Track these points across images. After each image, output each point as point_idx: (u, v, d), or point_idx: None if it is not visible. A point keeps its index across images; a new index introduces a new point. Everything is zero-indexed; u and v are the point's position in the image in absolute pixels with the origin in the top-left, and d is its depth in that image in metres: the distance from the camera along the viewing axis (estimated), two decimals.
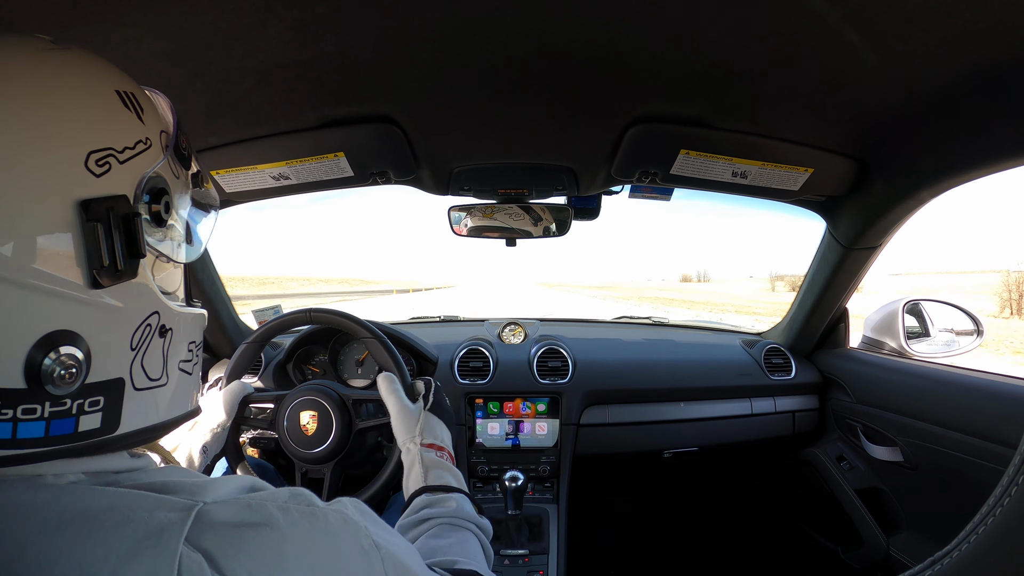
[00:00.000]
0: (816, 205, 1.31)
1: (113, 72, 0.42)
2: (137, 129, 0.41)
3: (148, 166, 0.41)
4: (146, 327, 0.41)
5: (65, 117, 0.36)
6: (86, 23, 0.65)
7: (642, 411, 1.49)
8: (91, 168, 0.37)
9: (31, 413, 0.35)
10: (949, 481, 1.15)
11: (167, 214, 0.43)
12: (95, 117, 0.38)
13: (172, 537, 0.32)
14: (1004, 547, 0.43)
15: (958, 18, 0.65)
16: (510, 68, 0.82)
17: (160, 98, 0.47)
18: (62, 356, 0.35)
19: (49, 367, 0.34)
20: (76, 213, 0.36)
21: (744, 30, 0.70)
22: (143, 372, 0.41)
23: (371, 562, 0.40)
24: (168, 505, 0.34)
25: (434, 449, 0.82)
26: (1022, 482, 0.42)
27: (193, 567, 0.31)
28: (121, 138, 0.39)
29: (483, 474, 1.43)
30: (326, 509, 0.40)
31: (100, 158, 0.37)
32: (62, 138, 0.36)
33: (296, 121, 1.00)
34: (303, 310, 1.06)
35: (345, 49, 0.76)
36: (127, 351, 0.39)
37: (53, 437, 0.35)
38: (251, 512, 0.36)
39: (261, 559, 0.34)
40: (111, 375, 0.38)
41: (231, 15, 0.66)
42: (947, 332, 1.44)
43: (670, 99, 0.93)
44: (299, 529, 0.37)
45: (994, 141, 0.87)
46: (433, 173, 1.24)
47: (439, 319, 2.05)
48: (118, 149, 0.39)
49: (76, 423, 0.36)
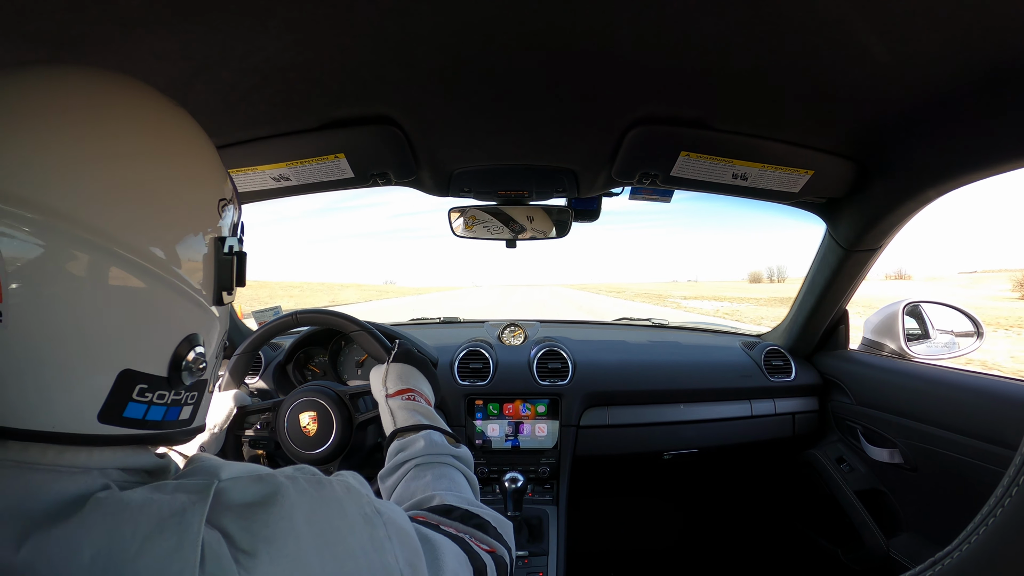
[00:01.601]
0: (816, 207, 1.31)
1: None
2: (229, 184, 0.49)
3: (234, 213, 0.49)
4: (222, 343, 0.49)
5: (206, 167, 0.45)
6: (86, 23, 0.65)
7: (642, 412, 1.49)
8: (219, 211, 0.46)
9: (162, 399, 0.41)
10: (949, 483, 1.15)
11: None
12: (217, 169, 0.47)
13: (195, 515, 0.34)
14: (1004, 548, 0.43)
15: (958, 19, 0.65)
16: (511, 70, 0.82)
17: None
18: (198, 355, 0.43)
19: (188, 362, 0.42)
20: (213, 245, 0.45)
21: (744, 32, 0.70)
22: (213, 378, 0.49)
23: (374, 527, 0.42)
24: (187, 487, 0.37)
25: (400, 395, 0.84)
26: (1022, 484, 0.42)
27: (213, 543, 0.34)
28: (225, 190, 0.48)
29: (483, 475, 1.42)
30: (330, 479, 0.43)
31: (222, 205, 0.46)
32: (207, 185, 0.45)
33: (296, 122, 1.00)
34: (289, 313, 1.08)
35: (346, 50, 0.76)
36: (215, 359, 0.48)
37: (167, 421, 0.42)
38: (262, 484, 0.38)
39: (279, 530, 0.36)
40: (207, 376, 0.46)
41: (231, 16, 0.66)
42: (947, 334, 1.45)
43: (670, 101, 0.93)
44: (306, 497, 0.39)
45: (995, 143, 0.87)
46: (433, 174, 1.24)
47: (439, 320, 2.05)
48: (227, 198, 0.47)
49: (180, 412, 0.44)
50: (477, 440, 1.44)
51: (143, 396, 0.39)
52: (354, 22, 0.69)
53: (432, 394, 0.90)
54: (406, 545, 0.44)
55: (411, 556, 0.44)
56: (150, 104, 0.43)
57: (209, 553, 0.33)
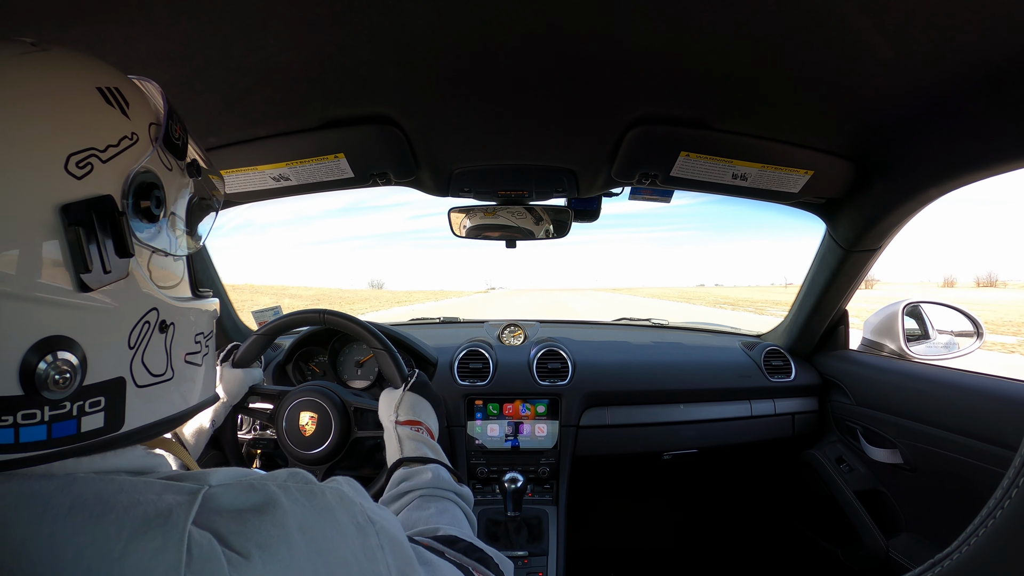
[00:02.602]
0: (816, 207, 1.31)
1: (95, 69, 0.41)
2: (121, 125, 0.40)
3: (135, 162, 0.40)
4: (144, 324, 0.41)
5: (41, 120, 0.36)
6: (86, 23, 0.65)
7: (642, 413, 1.49)
8: (71, 171, 0.36)
9: (31, 418, 0.35)
10: (949, 483, 1.15)
11: (159, 208, 0.42)
12: (73, 118, 0.37)
13: (180, 517, 0.33)
14: (1004, 550, 0.43)
15: (958, 19, 0.65)
16: (510, 70, 0.82)
17: (152, 87, 0.46)
18: (56, 361, 0.35)
19: (43, 373, 0.34)
20: (58, 218, 0.35)
21: (744, 32, 0.70)
22: (145, 369, 0.41)
23: (367, 536, 0.42)
24: (175, 489, 0.35)
25: (411, 425, 0.83)
26: (1022, 484, 0.42)
27: (203, 543, 0.33)
28: (103, 137, 0.38)
29: (482, 475, 1.42)
30: (323, 487, 0.42)
31: (81, 160, 0.37)
32: (38, 142, 0.35)
33: (296, 122, 1.00)
34: (316, 310, 1.05)
35: (345, 50, 0.76)
36: (125, 350, 0.39)
37: (56, 439, 0.36)
38: (254, 492, 0.37)
39: (272, 536, 0.35)
40: (110, 375, 0.38)
41: (231, 15, 0.66)
42: (947, 334, 1.45)
43: (670, 101, 0.93)
44: (299, 506, 0.38)
45: (994, 143, 0.87)
46: (433, 174, 1.24)
47: (439, 320, 2.05)
48: (100, 148, 0.38)
49: (78, 424, 0.37)
50: (477, 440, 1.44)
51: (2, 420, 0.34)
52: (353, 22, 0.69)
53: (437, 429, 0.90)
54: (398, 554, 0.44)
55: (403, 565, 0.44)
56: None
57: (197, 553, 0.32)
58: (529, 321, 1.73)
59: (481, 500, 1.41)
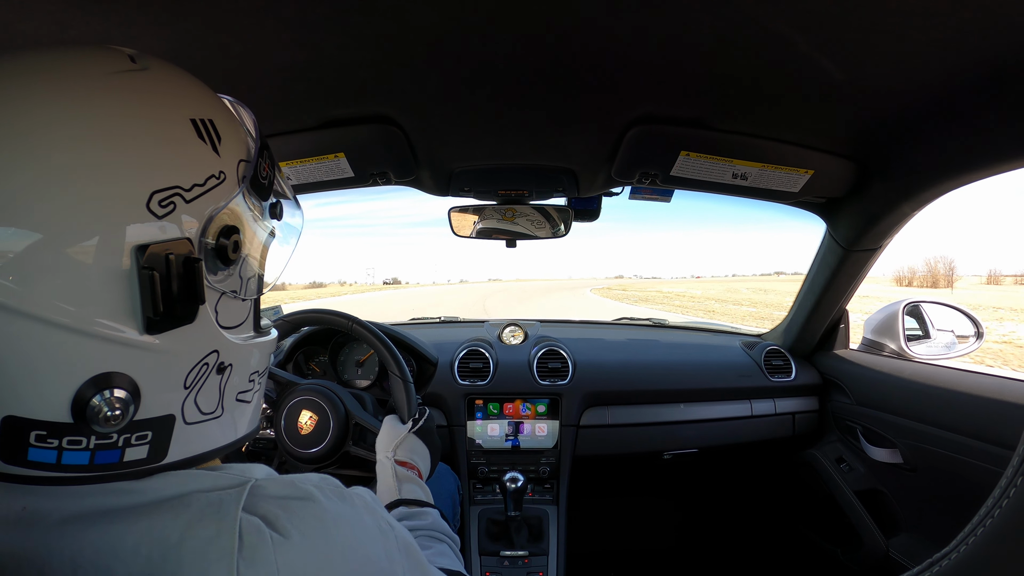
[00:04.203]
0: (816, 207, 1.31)
1: (192, 95, 0.40)
2: (210, 163, 0.38)
3: (218, 202, 0.39)
4: (203, 366, 0.40)
5: (130, 151, 0.34)
6: (85, 22, 0.65)
7: (642, 412, 1.49)
8: (153, 209, 0.34)
9: (76, 444, 0.35)
10: (948, 483, 1.15)
11: (236, 252, 0.41)
12: (163, 153, 0.36)
13: (231, 506, 0.36)
14: (1002, 548, 0.43)
15: (958, 18, 0.65)
16: (510, 69, 0.82)
17: (245, 114, 0.45)
18: (110, 397, 0.34)
19: (95, 407, 0.34)
20: (133, 258, 0.34)
21: (743, 32, 0.70)
22: (196, 408, 0.40)
23: (388, 539, 0.44)
24: (224, 483, 0.38)
25: (406, 467, 0.84)
26: (1020, 484, 0.42)
27: (252, 528, 0.35)
28: (190, 175, 0.37)
29: (483, 475, 1.43)
30: (351, 491, 0.44)
31: (164, 198, 0.35)
32: (124, 175, 0.34)
33: (296, 121, 1.00)
34: (347, 317, 1.01)
35: (345, 49, 0.76)
36: (180, 390, 0.39)
37: (98, 465, 0.36)
38: (294, 488, 0.39)
39: (310, 524, 0.37)
40: (161, 412, 0.38)
41: (231, 15, 0.66)
42: (947, 334, 1.44)
43: (670, 100, 0.93)
44: (334, 504, 0.40)
45: (995, 143, 0.87)
46: (433, 174, 1.24)
47: (439, 320, 2.05)
48: (185, 187, 0.36)
49: (122, 454, 0.37)
50: (477, 440, 1.44)
51: (45, 442, 0.34)
52: (353, 21, 0.69)
53: (427, 474, 0.89)
54: (412, 559, 0.47)
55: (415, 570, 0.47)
56: None
57: (248, 539, 0.34)
58: (529, 321, 1.74)
59: (481, 500, 1.41)
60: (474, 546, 1.32)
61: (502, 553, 1.28)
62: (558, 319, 2.17)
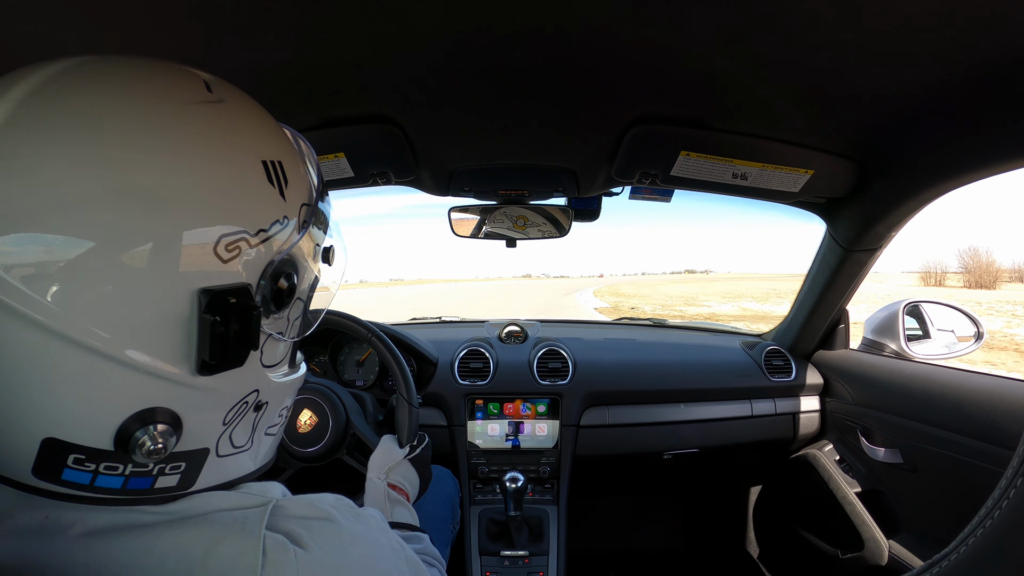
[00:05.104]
0: (816, 207, 1.31)
1: (264, 134, 0.40)
2: (276, 207, 0.38)
3: (280, 248, 0.38)
4: (243, 404, 0.41)
5: (205, 190, 0.33)
6: (85, 22, 0.65)
7: (642, 412, 1.49)
8: (219, 253, 0.34)
9: (112, 470, 0.35)
10: (949, 483, 1.15)
11: (289, 296, 0.41)
12: (235, 195, 0.35)
13: (255, 524, 0.37)
14: (1002, 549, 0.43)
15: (959, 18, 0.64)
16: (510, 69, 0.82)
17: (306, 149, 0.45)
18: (154, 432, 0.35)
19: (139, 439, 0.34)
20: (194, 301, 0.34)
21: (743, 31, 0.70)
22: (229, 442, 0.41)
23: (399, 558, 0.47)
24: (246, 502, 0.39)
25: (397, 491, 0.84)
26: (1020, 484, 0.42)
27: (276, 545, 0.36)
28: (257, 220, 0.36)
29: (483, 475, 1.43)
30: (365, 512, 0.46)
31: (231, 243, 0.35)
32: (196, 216, 0.33)
33: (295, 121, 1.00)
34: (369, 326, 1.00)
35: (345, 49, 0.76)
36: (219, 426, 0.40)
37: (129, 490, 0.36)
38: (314, 508, 0.41)
39: (330, 542, 0.39)
40: (198, 446, 0.39)
41: (230, 14, 0.66)
42: (947, 334, 1.44)
43: (670, 100, 0.93)
44: (351, 523, 0.42)
45: (995, 143, 0.87)
46: (433, 174, 1.24)
47: (439, 320, 2.05)
48: (251, 232, 0.36)
49: (154, 482, 0.37)
50: (477, 440, 1.44)
51: (82, 465, 0.34)
52: (353, 21, 0.69)
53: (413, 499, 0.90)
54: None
55: None
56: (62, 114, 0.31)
57: (272, 555, 0.35)
58: (529, 321, 1.74)
59: (481, 500, 1.41)
60: (474, 546, 1.33)
61: (502, 553, 1.28)
62: (558, 319, 2.17)
